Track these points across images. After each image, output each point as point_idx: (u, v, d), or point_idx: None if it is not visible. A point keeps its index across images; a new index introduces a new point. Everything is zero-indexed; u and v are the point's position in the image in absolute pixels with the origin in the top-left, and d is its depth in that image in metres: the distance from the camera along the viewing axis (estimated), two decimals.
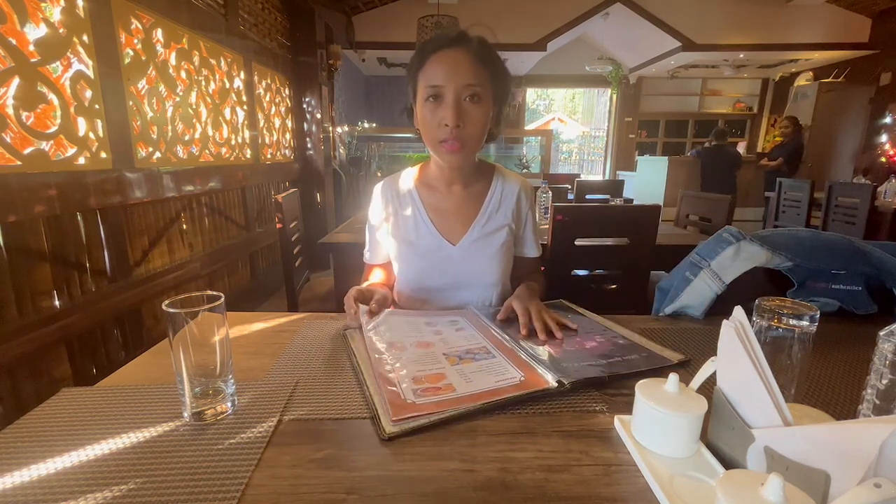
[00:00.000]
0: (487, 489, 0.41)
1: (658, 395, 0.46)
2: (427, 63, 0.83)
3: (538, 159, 5.34)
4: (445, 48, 0.82)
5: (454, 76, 0.81)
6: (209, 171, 2.40)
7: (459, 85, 0.81)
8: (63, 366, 1.52)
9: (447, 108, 0.82)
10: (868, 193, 3.18)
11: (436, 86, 0.82)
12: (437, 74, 0.82)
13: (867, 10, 5.26)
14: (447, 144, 0.84)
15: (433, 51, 0.83)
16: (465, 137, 0.84)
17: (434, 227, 0.95)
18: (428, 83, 0.83)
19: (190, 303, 0.50)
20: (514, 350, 0.66)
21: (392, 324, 0.77)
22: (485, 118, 0.85)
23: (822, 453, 0.36)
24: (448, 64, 0.82)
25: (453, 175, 0.95)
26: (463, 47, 0.82)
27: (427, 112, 0.84)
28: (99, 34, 1.63)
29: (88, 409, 0.53)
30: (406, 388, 0.56)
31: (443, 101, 0.82)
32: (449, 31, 0.85)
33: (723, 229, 0.82)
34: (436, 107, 0.83)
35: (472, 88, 0.82)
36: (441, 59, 0.82)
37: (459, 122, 0.82)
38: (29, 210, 1.37)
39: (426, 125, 0.86)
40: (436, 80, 0.82)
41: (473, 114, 0.83)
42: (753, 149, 7.53)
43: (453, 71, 0.81)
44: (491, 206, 0.97)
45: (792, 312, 0.50)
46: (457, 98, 0.82)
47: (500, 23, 5.24)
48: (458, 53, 0.82)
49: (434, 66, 0.82)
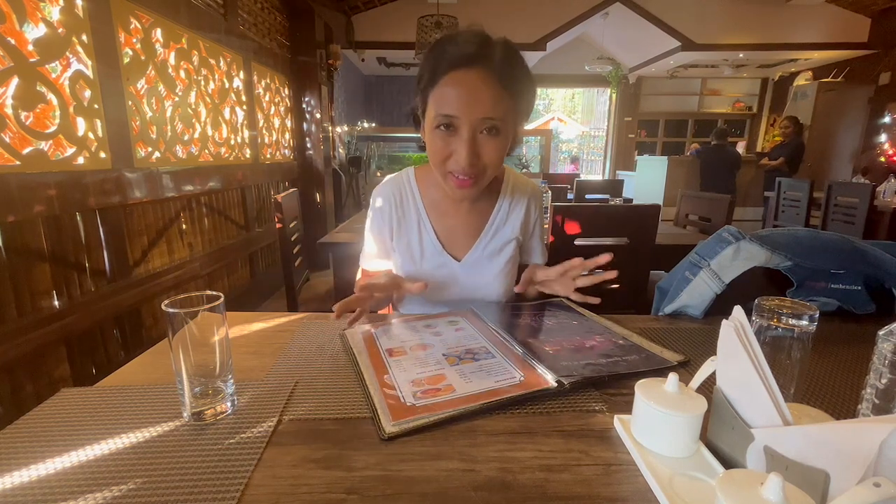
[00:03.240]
0: (487, 489, 0.41)
1: (658, 395, 0.46)
2: (440, 83, 0.71)
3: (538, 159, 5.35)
4: (463, 67, 0.69)
5: (472, 108, 0.69)
6: (208, 170, 2.40)
7: (476, 119, 0.70)
8: (62, 366, 1.52)
9: (460, 144, 0.71)
10: (867, 193, 3.18)
11: (449, 115, 0.71)
12: (451, 102, 0.70)
13: (866, 10, 5.26)
14: (456, 180, 0.75)
15: (448, 69, 0.70)
16: (477, 173, 0.75)
17: (439, 241, 0.88)
18: (440, 110, 0.71)
19: (189, 303, 0.50)
20: (514, 350, 0.66)
21: (391, 329, 0.77)
22: (503, 151, 0.75)
23: (822, 453, 0.36)
24: (465, 90, 0.69)
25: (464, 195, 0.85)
26: (483, 68, 0.69)
27: (437, 139, 0.73)
28: (98, 34, 1.63)
29: (88, 409, 0.53)
30: (406, 392, 0.56)
31: (455, 134, 0.72)
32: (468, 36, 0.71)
33: (722, 229, 0.82)
34: (447, 136, 0.73)
35: (490, 122, 0.71)
36: (457, 82, 0.70)
37: (473, 162, 0.72)
38: (28, 210, 1.37)
39: (434, 153, 0.75)
40: (449, 108, 0.70)
41: (489, 150, 0.73)
42: (753, 148, 7.53)
43: (472, 100, 0.69)
44: (498, 220, 0.90)
45: (791, 312, 0.50)
46: (473, 133, 0.71)
47: (499, 22, 5.24)
48: (477, 77, 0.69)
49: (448, 91, 0.70)
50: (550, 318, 0.81)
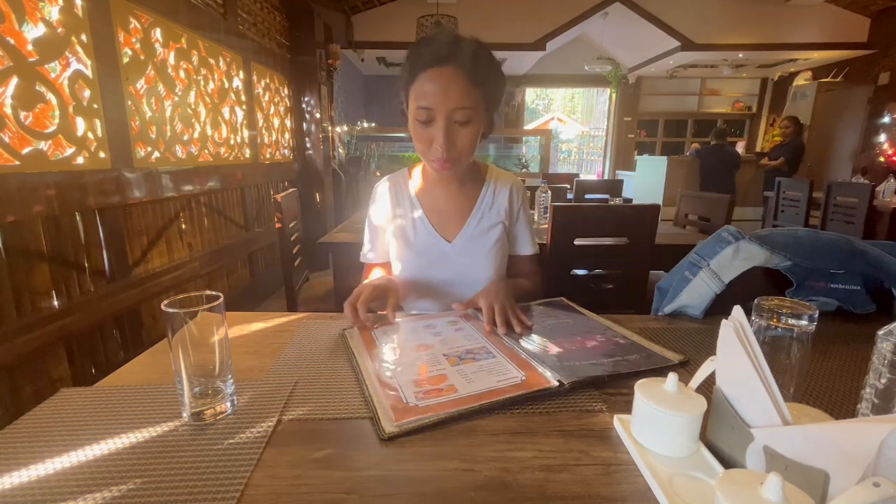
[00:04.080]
0: (487, 489, 0.41)
1: (657, 395, 0.46)
2: (417, 80, 0.82)
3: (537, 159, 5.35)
4: (436, 66, 0.80)
5: (444, 99, 0.80)
6: (208, 170, 2.40)
7: (449, 108, 0.80)
8: (62, 366, 1.52)
9: (437, 131, 0.82)
10: (866, 193, 3.18)
11: (426, 108, 0.81)
12: (427, 95, 0.81)
13: (866, 10, 5.27)
14: (437, 163, 0.86)
15: (424, 67, 0.81)
16: (454, 158, 0.85)
17: (431, 224, 0.98)
18: (418, 103, 0.82)
19: (189, 303, 0.50)
20: (513, 349, 0.67)
21: (391, 329, 0.77)
22: (475, 137, 0.86)
23: (821, 452, 0.36)
24: (438, 84, 0.80)
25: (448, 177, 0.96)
26: (454, 66, 0.80)
27: (418, 129, 0.85)
28: (97, 34, 1.63)
29: (87, 409, 0.53)
30: (407, 392, 0.56)
31: (433, 123, 0.83)
32: (441, 38, 0.82)
33: (722, 229, 0.82)
34: (426, 126, 0.84)
35: (462, 112, 0.81)
36: (432, 78, 0.80)
37: (449, 147, 0.83)
38: (27, 210, 1.37)
39: (417, 140, 0.87)
40: (425, 101, 0.81)
41: (463, 136, 0.84)
42: (752, 148, 7.54)
43: (444, 93, 0.80)
44: (484, 204, 0.99)
45: (791, 312, 0.50)
46: (447, 122, 0.82)
47: (499, 22, 5.24)
48: (448, 73, 0.80)
49: (424, 86, 0.81)
50: (551, 317, 0.81)
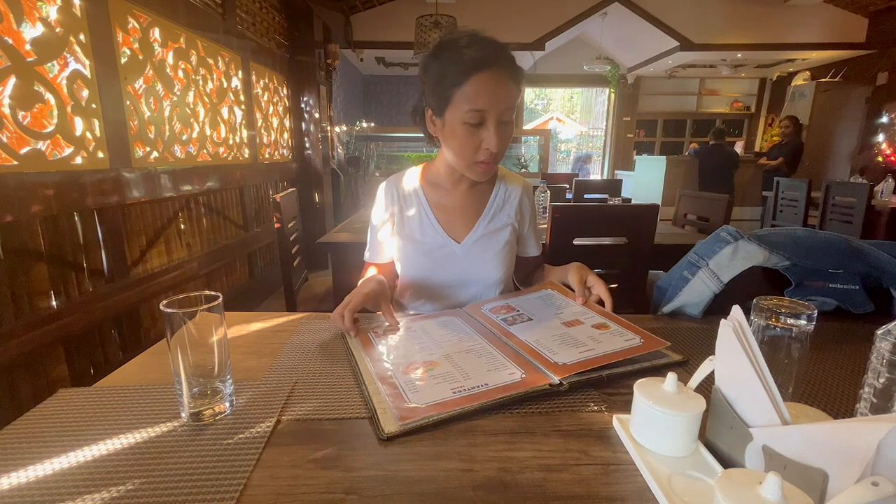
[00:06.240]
0: (486, 489, 0.41)
1: (656, 395, 0.46)
2: (469, 82, 0.78)
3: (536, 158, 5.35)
4: (487, 68, 0.78)
5: (500, 101, 0.79)
6: (207, 170, 2.39)
7: (501, 109, 0.80)
8: (60, 366, 1.52)
9: (490, 134, 0.80)
10: (865, 193, 3.19)
11: (479, 110, 0.79)
12: (481, 98, 0.78)
13: (864, 10, 5.27)
14: (484, 165, 0.85)
15: (477, 68, 0.78)
16: (499, 156, 0.85)
17: (439, 225, 0.95)
18: (471, 106, 0.79)
19: (188, 303, 0.50)
20: (512, 348, 0.67)
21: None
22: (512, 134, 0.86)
23: (820, 452, 0.36)
24: (494, 86, 0.79)
25: (461, 175, 0.94)
26: (501, 67, 0.79)
27: (466, 133, 0.81)
28: (96, 33, 1.62)
29: (86, 409, 0.53)
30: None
31: (484, 126, 0.81)
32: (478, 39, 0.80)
33: (721, 228, 0.82)
34: (476, 130, 0.81)
35: (509, 111, 0.81)
36: (487, 80, 0.78)
37: (501, 147, 0.82)
38: (26, 210, 1.36)
39: (462, 146, 0.83)
40: (480, 103, 0.79)
41: (507, 132, 0.83)
42: (751, 148, 7.55)
43: (501, 95, 0.79)
44: (495, 206, 0.98)
45: (790, 311, 0.50)
46: (498, 122, 0.81)
47: (497, 22, 5.24)
48: (499, 74, 0.79)
49: (478, 88, 0.78)
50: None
